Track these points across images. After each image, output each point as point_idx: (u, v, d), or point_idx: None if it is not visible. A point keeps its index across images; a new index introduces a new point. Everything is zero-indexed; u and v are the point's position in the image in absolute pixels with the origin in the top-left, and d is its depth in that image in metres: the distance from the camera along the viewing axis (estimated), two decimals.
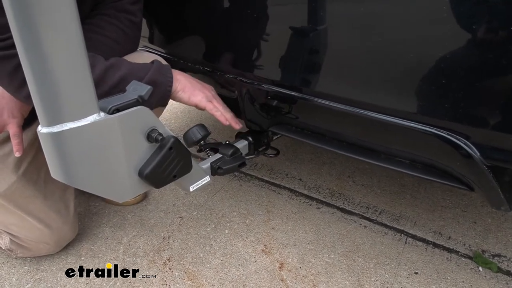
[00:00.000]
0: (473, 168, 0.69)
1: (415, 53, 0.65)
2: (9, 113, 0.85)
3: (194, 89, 0.92)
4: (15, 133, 0.86)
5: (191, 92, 0.91)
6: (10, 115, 0.85)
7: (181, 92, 0.91)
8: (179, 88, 0.90)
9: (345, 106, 0.77)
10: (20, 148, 0.88)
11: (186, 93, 0.91)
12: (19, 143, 0.87)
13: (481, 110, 0.63)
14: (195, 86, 0.93)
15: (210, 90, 0.97)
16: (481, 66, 0.60)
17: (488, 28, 0.57)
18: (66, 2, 0.47)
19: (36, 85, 0.50)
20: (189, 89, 0.91)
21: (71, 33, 0.49)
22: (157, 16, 1.11)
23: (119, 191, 0.66)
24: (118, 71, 0.80)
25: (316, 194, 1.45)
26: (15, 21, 0.45)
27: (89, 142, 0.57)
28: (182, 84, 0.91)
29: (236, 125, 0.98)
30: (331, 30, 0.73)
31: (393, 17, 0.65)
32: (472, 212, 1.37)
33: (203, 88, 0.94)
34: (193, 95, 0.92)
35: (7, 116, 0.85)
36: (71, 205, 1.12)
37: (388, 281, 1.08)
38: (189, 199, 1.41)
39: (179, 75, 0.92)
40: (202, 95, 0.92)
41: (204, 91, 0.94)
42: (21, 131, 0.88)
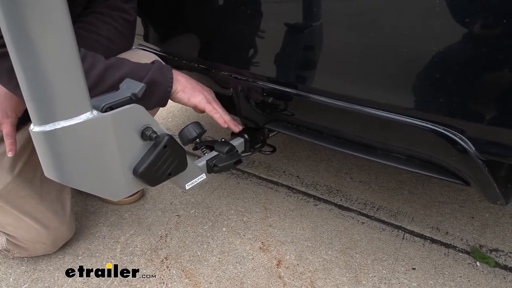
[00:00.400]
0: (468, 162, 0.68)
1: (410, 48, 0.64)
2: (3, 113, 0.85)
3: (194, 91, 0.93)
4: (8, 133, 0.86)
5: (191, 93, 0.92)
6: (4, 115, 0.85)
7: (181, 92, 0.91)
8: (179, 88, 0.91)
9: (341, 102, 0.77)
10: (13, 148, 0.87)
11: (186, 94, 0.92)
12: (12, 143, 0.87)
13: (476, 104, 0.62)
14: (195, 88, 0.93)
15: (209, 92, 0.97)
16: (475, 60, 0.59)
17: (483, 22, 0.57)
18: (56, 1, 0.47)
19: (28, 84, 0.50)
20: (189, 90, 0.92)
21: (62, 31, 0.49)
22: (151, 14, 1.10)
23: (113, 190, 0.66)
24: (119, 71, 0.80)
25: (313, 191, 1.45)
26: (5, 20, 0.45)
27: (82, 140, 0.56)
28: (182, 85, 0.91)
29: (235, 127, 0.99)
30: (326, 26, 0.73)
31: (388, 13, 0.65)
32: (470, 207, 1.37)
33: (203, 90, 0.95)
34: (193, 96, 0.92)
35: (1, 115, 0.85)
36: (67, 205, 1.12)
37: (385, 277, 1.08)
38: (186, 198, 1.41)
39: (180, 76, 0.92)
40: (202, 97, 0.93)
41: (204, 93, 0.94)
42: (15, 131, 0.88)
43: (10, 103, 0.85)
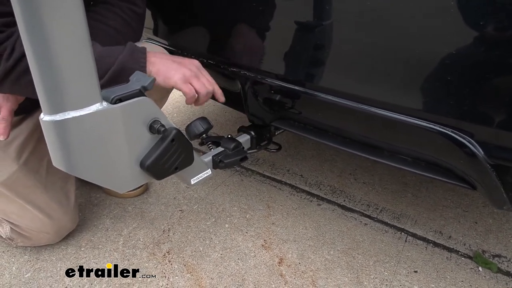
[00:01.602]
0: (476, 166, 0.68)
1: (421, 50, 0.64)
2: (4, 96, 0.84)
3: (169, 70, 0.83)
4: (4, 117, 0.85)
5: (165, 74, 0.82)
6: (5, 99, 0.85)
7: (156, 75, 0.82)
8: (153, 72, 0.82)
9: (348, 102, 0.77)
10: (6, 132, 0.86)
11: (160, 76, 0.82)
12: (6, 127, 0.85)
13: (486, 108, 0.62)
14: (170, 67, 0.83)
15: (190, 66, 0.86)
16: (487, 63, 0.59)
17: (495, 25, 0.57)
18: None
19: (39, 74, 0.50)
20: (163, 72, 0.82)
21: (76, 20, 0.49)
22: (161, 8, 1.10)
23: (120, 182, 0.66)
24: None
25: (317, 190, 1.45)
26: (19, 8, 0.45)
27: (91, 131, 0.57)
28: (156, 67, 0.82)
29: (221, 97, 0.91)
30: (336, 25, 0.73)
31: (399, 13, 0.65)
32: (474, 212, 1.36)
33: (180, 67, 0.84)
34: (167, 78, 0.82)
35: (1, 99, 0.84)
36: (72, 196, 1.12)
37: (387, 278, 1.08)
38: (190, 193, 1.41)
39: (154, 57, 0.83)
40: (178, 76, 0.83)
41: (181, 69, 0.84)
42: (11, 116, 0.87)
43: None
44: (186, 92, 0.84)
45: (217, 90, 0.90)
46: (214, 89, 0.89)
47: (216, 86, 0.90)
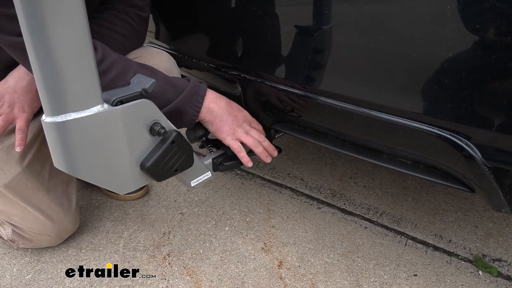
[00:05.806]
0: (474, 169, 0.68)
1: (419, 53, 0.65)
2: (20, 107, 0.85)
3: (223, 125, 0.89)
4: (21, 127, 0.86)
5: (218, 127, 0.89)
6: (21, 109, 0.86)
7: (209, 124, 0.89)
8: (207, 119, 0.88)
9: (348, 105, 0.78)
10: (23, 143, 0.87)
11: (213, 126, 0.89)
12: (23, 138, 0.87)
13: (484, 111, 0.63)
14: (224, 121, 0.89)
15: (242, 122, 0.92)
16: (484, 66, 0.60)
17: (492, 28, 0.57)
18: None
19: (41, 75, 0.51)
20: (217, 125, 0.89)
21: (77, 23, 0.50)
22: (163, 13, 1.11)
23: (120, 183, 0.67)
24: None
25: (317, 194, 1.45)
26: (22, 10, 0.46)
27: (92, 133, 0.57)
28: (212, 116, 0.88)
29: (266, 158, 0.95)
30: (336, 29, 0.73)
31: (398, 17, 0.65)
32: (474, 216, 1.36)
33: (234, 122, 0.90)
34: (219, 131, 0.89)
35: (18, 110, 0.85)
36: (73, 198, 1.13)
37: (387, 282, 1.08)
38: (190, 196, 1.42)
39: (213, 104, 0.88)
40: (229, 132, 0.89)
41: (233, 126, 0.90)
42: (28, 126, 0.88)
43: (27, 99, 0.86)
44: (234, 148, 0.91)
45: (267, 146, 0.95)
46: (263, 146, 0.94)
47: (266, 142, 0.95)
